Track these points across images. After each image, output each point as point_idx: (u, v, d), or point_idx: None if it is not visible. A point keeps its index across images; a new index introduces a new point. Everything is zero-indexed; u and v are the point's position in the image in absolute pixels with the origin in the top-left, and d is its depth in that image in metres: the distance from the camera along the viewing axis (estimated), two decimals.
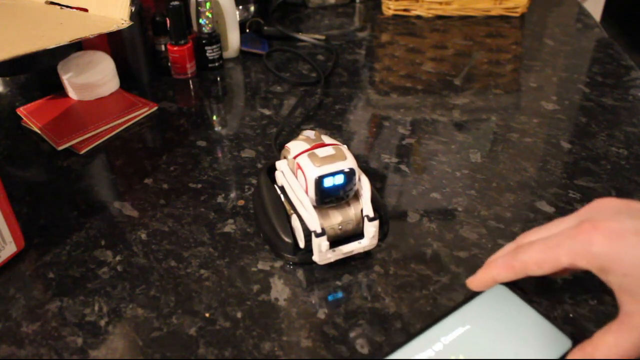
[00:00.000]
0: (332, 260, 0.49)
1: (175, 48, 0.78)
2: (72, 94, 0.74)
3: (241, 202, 0.57)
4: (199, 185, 0.60)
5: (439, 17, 1.01)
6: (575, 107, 0.74)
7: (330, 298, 0.47)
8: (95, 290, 0.48)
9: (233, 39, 0.84)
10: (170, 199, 0.58)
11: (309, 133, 0.52)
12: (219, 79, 0.82)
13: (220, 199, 0.58)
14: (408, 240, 0.53)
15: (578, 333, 0.43)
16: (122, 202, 0.58)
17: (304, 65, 0.86)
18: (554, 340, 0.40)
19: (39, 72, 0.81)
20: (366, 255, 0.51)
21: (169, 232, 0.54)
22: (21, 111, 0.72)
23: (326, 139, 0.51)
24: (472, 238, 0.53)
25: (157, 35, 0.81)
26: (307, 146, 0.49)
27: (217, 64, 0.82)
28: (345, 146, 0.50)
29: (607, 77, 0.81)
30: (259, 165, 0.63)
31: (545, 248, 0.39)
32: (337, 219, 0.48)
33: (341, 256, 0.49)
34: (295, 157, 0.49)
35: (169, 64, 0.80)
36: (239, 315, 0.46)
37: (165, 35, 0.80)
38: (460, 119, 0.72)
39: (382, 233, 0.52)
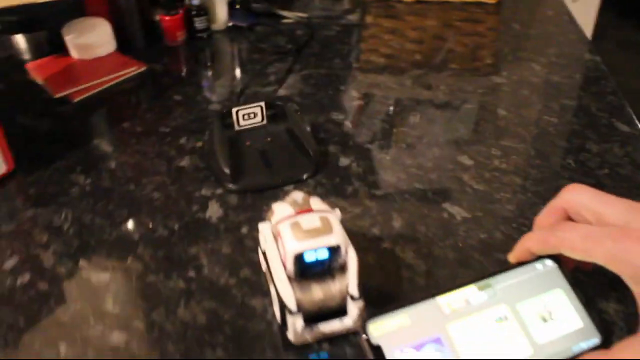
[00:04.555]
0: (309, 341, 0.43)
1: (167, 18, 0.87)
2: (74, 53, 0.84)
3: (199, 144, 0.66)
4: (168, 129, 0.69)
5: (418, 2, 1.07)
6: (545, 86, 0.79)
7: None
8: (64, 203, 0.58)
9: (221, 13, 0.93)
10: (141, 139, 0.68)
11: (297, 195, 0.45)
12: (206, 48, 0.91)
13: (182, 141, 0.67)
14: (393, 221, 0.54)
15: None
16: (100, 139, 0.68)
17: (284, 37, 0.94)
18: (584, 332, 0.39)
19: (47, 31, 0.91)
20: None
21: (134, 163, 0.63)
22: (29, 66, 0.82)
23: (315, 204, 0.45)
24: (457, 219, 0.55)
25: (153, 5, 0.90)
26: (292, 211, 0.44)
27: (204, 34, 0.92)
28: (335, 213, 0.44)
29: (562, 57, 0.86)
30: None
31: (585, 237, 0.38)
32: (318, 294, 0.42)
33: (320, 337, 0.43)
34: (277, 223, 0.43)
35: (162, 32, 0.90)
36: (176, 227, 0.55)
37: (160, 6, 0.90)
38: (442, 99, 0.76)
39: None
